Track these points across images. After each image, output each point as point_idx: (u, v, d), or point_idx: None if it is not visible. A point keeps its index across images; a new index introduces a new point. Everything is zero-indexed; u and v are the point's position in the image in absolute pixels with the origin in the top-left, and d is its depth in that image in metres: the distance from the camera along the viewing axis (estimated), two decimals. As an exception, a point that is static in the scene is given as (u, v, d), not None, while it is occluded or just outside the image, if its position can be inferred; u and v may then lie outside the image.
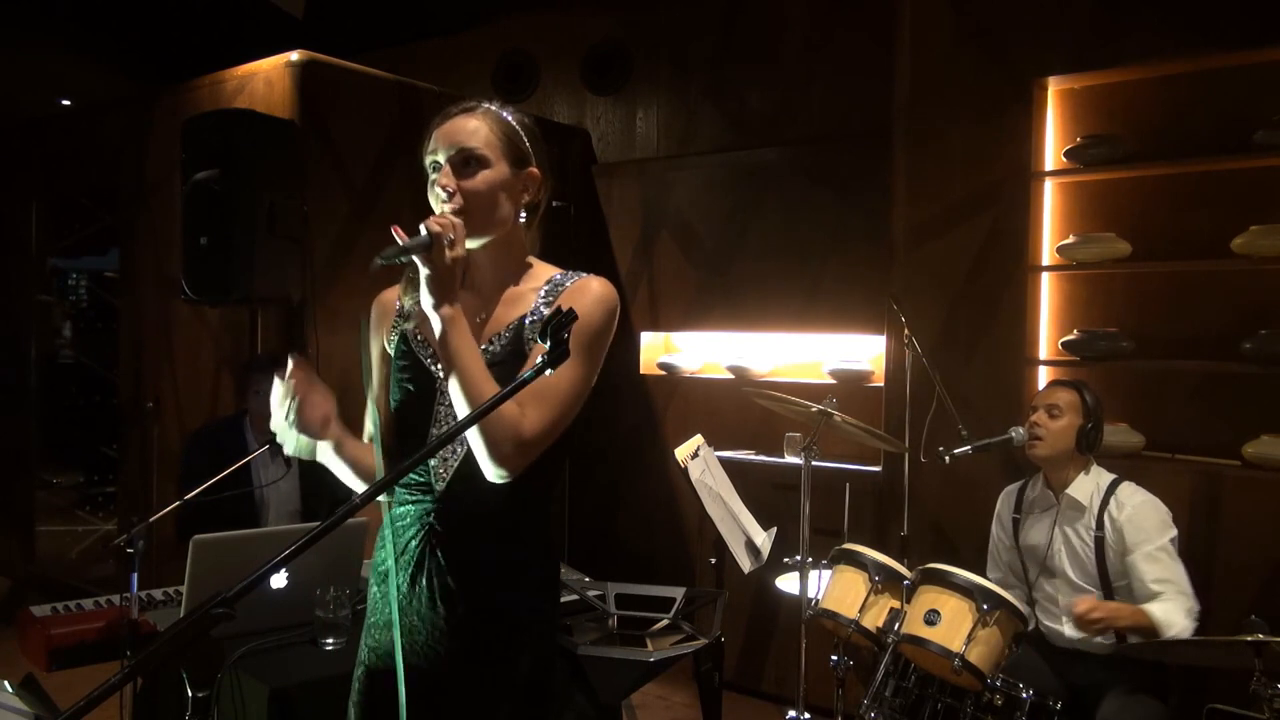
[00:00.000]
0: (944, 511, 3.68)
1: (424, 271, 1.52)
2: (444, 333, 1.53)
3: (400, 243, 1.49)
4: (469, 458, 1.59)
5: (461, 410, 1.54)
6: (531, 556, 1.68)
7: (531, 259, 1.74)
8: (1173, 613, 2.59)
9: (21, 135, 5.54)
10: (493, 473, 1.55)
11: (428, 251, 1.51)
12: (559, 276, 1.70)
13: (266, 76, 4.05)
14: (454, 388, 1.54)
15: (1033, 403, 2.96)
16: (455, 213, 1.58)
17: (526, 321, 1.65)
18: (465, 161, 1.62)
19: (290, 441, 1.63)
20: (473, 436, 1.54)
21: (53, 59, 6.29)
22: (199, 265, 3.56)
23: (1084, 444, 2.84)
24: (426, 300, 1.54)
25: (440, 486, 1.64)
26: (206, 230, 3.51)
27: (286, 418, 1.61)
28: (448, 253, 1.51)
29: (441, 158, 1.63)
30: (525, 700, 1.65)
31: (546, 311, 1.63)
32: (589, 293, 1.64)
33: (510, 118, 1.68)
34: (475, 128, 1.63)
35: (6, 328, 5.58)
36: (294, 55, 3.98)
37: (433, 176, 1.64)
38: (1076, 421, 2.84)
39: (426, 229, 1.51)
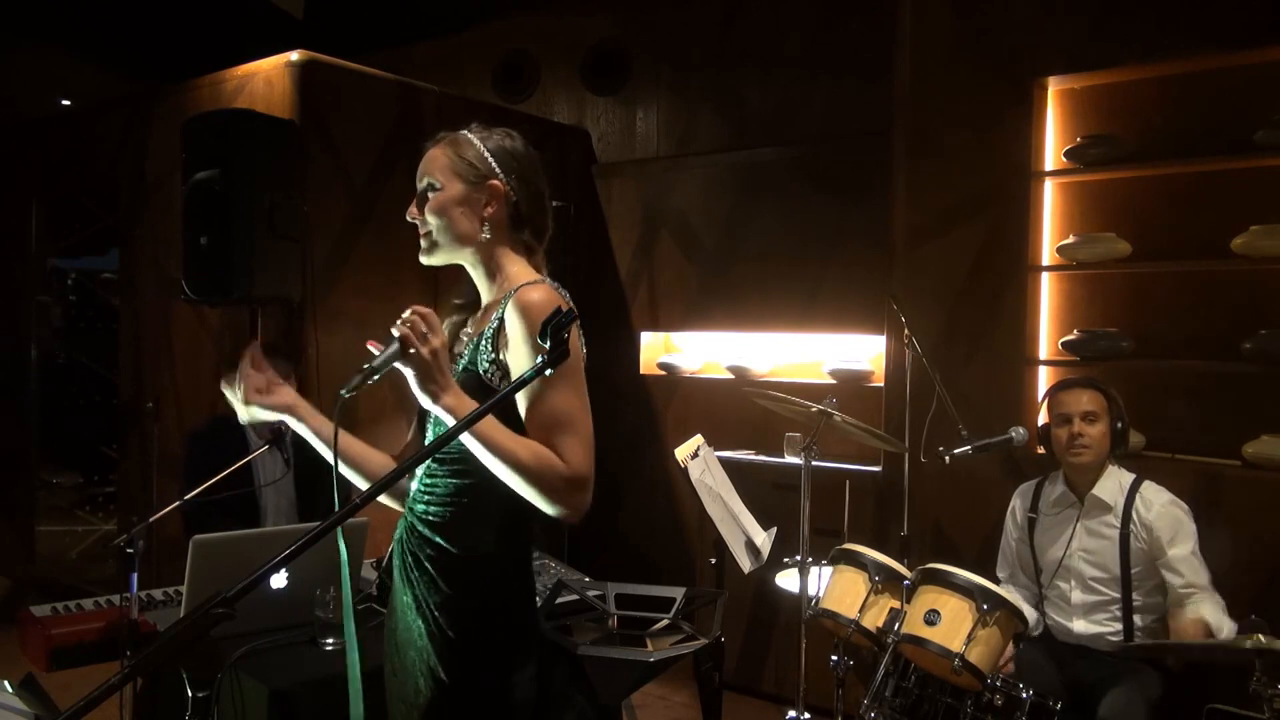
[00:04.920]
0: (944, 511, 3.67)
1: (409, 374, 1.51)
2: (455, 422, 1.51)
3: (376, 354, 1.49)
4: (432, 472, 1.68)
5: (505, 476, 1.55)
6: (493, 568, 1.69)
7: (515, 268, 1.72)
8: (1220, 615, 2.63)
9: (21, 135, 5.54)
10: (562, 515, 1.57)
11: (402, 355, 1.50)
12: (518, 288, 1.65)
13: (266, 76, 4.05)
14: (490, 465, 1.55)
15: (1060, 410, 2.87)
16: (424, 236, 1.71)
17: (483, 337, 1.67)
18: (426, 191, 1.73)
19: (240, 412, 1.76)
20: (527, 491, 1.55)
21: (53, 59, 6.29)
22: (199, 265, 3.56)
23: (1118, 443, 2.85)
24: (424, 399, 1.52)
25: (409, 499, 1.74)
26: (206, 230, 3.51)
27: (234, 386, 1.74)
28: (423, 348, 1.49)
29: (419, 189, 1.75)
30: (493, 713, 1.67)
31: (497, 324, 1.65)
32: (522, 306, 1.60)
33: (474, 137, 1.73)
34: (435, 157, 1.74)
35: (6, 328, 5.58)
36: (294, 55, 3.97)
37: None
38: (1109, 422, 2.84)
39: (395, 333, 1.51)
